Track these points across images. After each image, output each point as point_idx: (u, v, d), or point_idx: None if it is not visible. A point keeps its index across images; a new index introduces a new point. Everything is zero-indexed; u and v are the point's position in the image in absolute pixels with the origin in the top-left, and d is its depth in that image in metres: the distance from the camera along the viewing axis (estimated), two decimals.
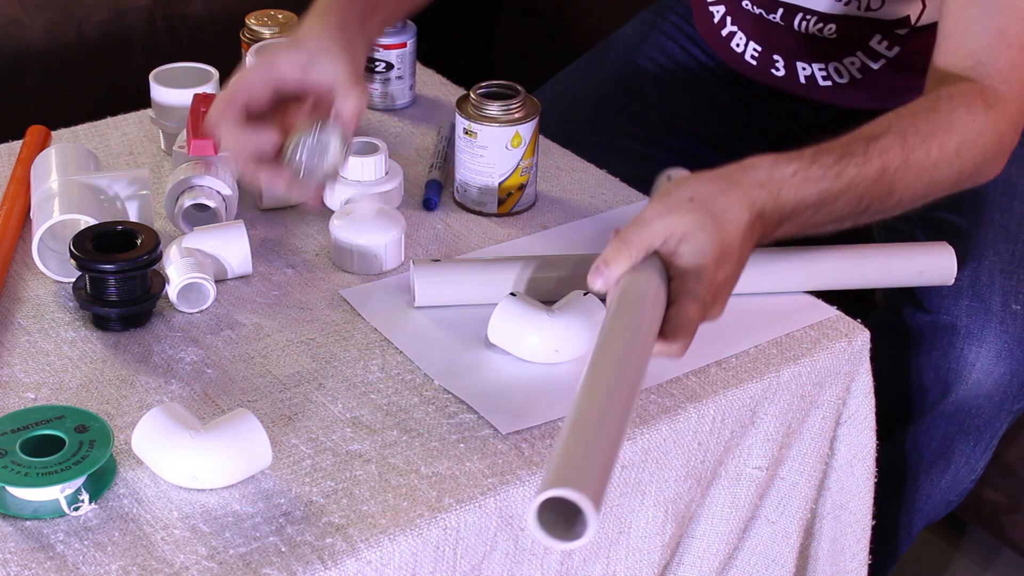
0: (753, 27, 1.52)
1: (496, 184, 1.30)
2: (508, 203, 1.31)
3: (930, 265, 1.24)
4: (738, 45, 1.54)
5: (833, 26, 1.44)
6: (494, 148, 1.29)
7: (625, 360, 0.94)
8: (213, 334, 1.15)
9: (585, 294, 1.14)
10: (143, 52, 1.90)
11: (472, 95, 1.30)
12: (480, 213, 1.32)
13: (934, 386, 1.34)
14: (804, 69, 1.50)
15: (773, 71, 1.52)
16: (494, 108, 1.29)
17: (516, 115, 1.29)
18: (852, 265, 1.23)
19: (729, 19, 1.54)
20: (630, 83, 1.64)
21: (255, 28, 1.46)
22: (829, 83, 1.49)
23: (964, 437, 1.37)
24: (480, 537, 1.00)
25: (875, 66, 1.46)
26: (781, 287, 1.21)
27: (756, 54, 1.52)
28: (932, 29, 1.40)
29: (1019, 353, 1.31)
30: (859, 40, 1.45)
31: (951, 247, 1.25)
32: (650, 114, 1.62)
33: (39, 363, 1.11)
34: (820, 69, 1.49)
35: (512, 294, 1.14)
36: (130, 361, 1.11)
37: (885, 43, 1.44)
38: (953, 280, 1.25)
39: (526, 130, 1.29)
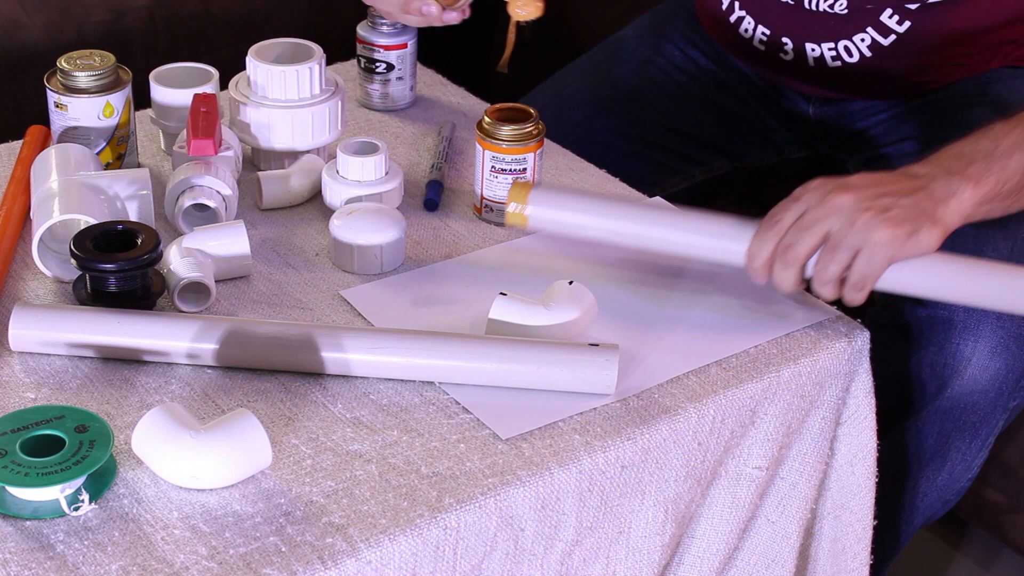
0: (762, 10, 1.52)
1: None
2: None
3: None
4: (746, 31, 1.54)
5: (844, 0, 1.44)
6: (85, 119, 1.32)
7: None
8: None
9: (571, 283, 1.15)
10: (143, 52, 1.89)
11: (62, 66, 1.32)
12: None
13: (930, 381, 1.35)
14: (813, 50, 1.50)
15: (781, 55, 1.52)
16: (83, 77, 1.31)
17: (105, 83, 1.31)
18: (967, 279, 1.15)
19: (737, 4, 1.54)
20: (628, 85, 1.64)
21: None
22: (838, 63, 1.49)
23: (960, 434, 1.37)
24: (480, 537, 1.00)
25: (885, 42, 1.46)
26: (890, 288, 1.16)
27: (764, 38, 1.52)
28: (945, 6, 1.40)
29: (1015, 349, 1.31)
30: (870, 15, 1.45)
31: None
32: (647, 115, 1.62)
33: (39, 363, 1.11)
34: (829, 49, 1.49)
35: (502, 293, 1.14)
36: (130, 361, 1.11)
37: (896, 18, 1.44)
38: None
39: (117, 99, 1.31)
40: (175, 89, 1.38)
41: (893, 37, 1.46)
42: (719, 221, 1.18)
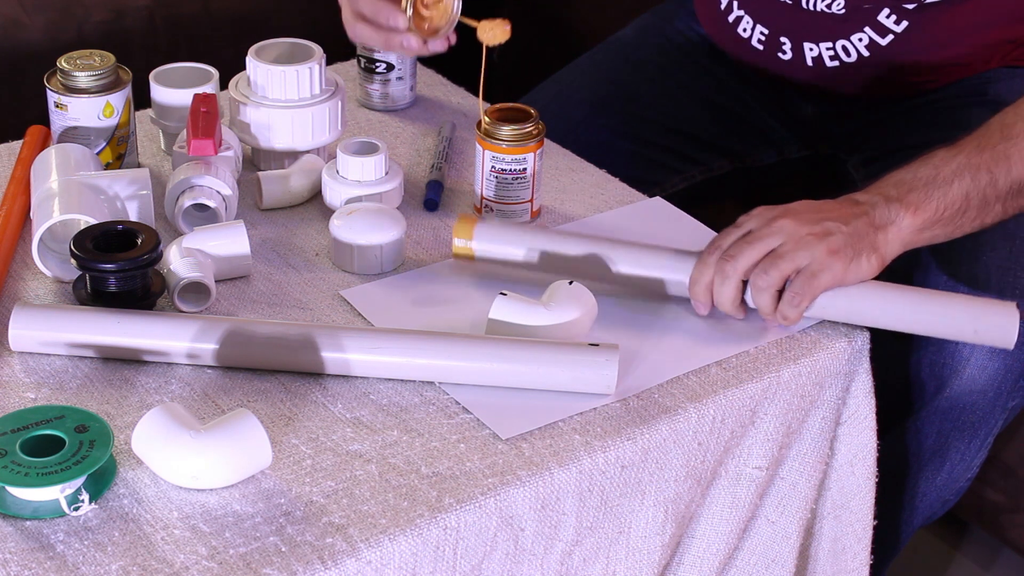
0: (760, 10, 1.52)
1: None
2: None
3: (989, 324, 1.15)
4: (745, 30, 1.54)
5: (842, 0, 1.44)
6: (85, 119, 1.32)
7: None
8: None
9: (571, 283, 1.15)
10: (143, 52, 1.90)
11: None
12: None
13: (929, 381, 1.35)
14: (811, 50, 1.50)
15: (780, 55, 1.52)
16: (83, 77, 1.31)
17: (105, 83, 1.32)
18: (903, 307, 1.16)
19: (736, 3, 1.54)
20: (628, 84, 1.64)
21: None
22: (836, 63, 1.50)
23: (959, 434, 1.37)
24: (480, 537, 1.01)
25: (883, 42, 1.46)
26: (826, 315, 1.17)
27: (763, 38, 1.53)
28: (943, 6, 1.40)
29: (1014, 349, 1.31)
30: (868, 15, 1.45)
31: (1016, 309, 1.15)
32: (647, 115, 1.62)
33: (39, 363, 1.11)
34: (828, 49, 1.49)
35: (502, 293, 1.14)
36: (130, 361, 1.11)
37: (894, 17, 1.44)
38: (1013, 345, 1.16)
39: (117, 99, 1.32)
40: (175, 89, 1.38)
41: (891, 37, 1.46)
42: (661, 254, 1.19)
